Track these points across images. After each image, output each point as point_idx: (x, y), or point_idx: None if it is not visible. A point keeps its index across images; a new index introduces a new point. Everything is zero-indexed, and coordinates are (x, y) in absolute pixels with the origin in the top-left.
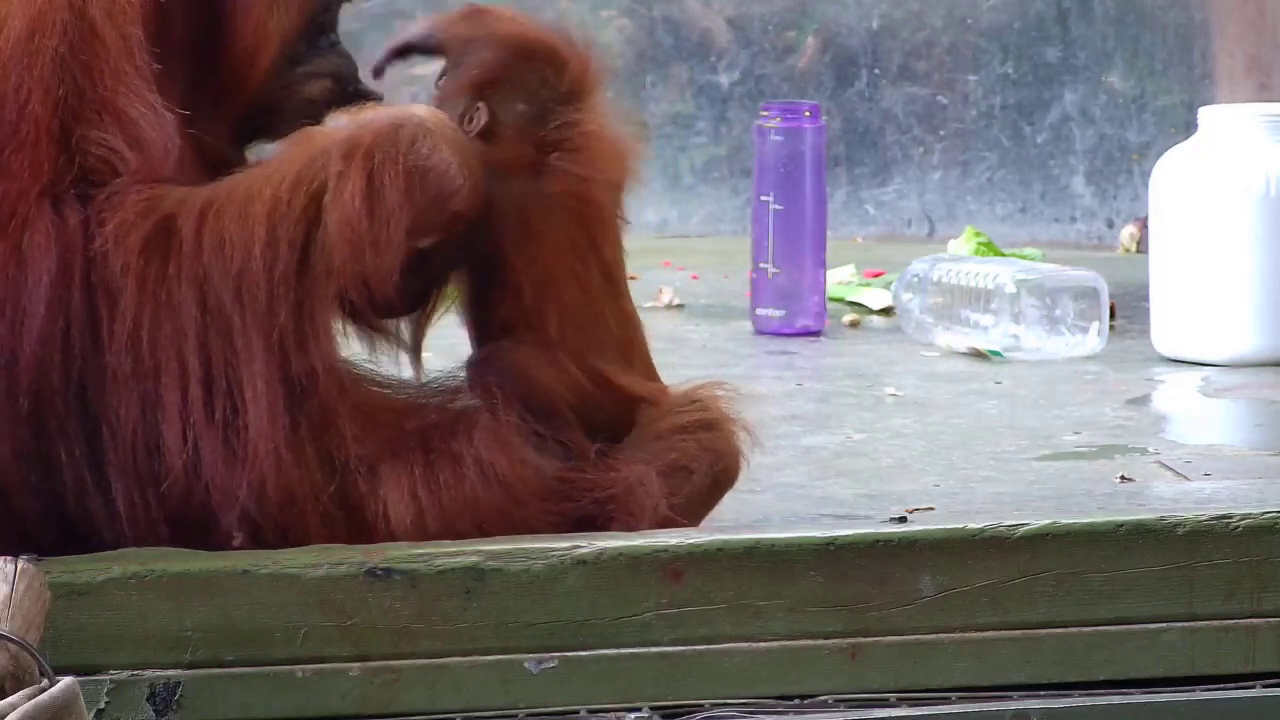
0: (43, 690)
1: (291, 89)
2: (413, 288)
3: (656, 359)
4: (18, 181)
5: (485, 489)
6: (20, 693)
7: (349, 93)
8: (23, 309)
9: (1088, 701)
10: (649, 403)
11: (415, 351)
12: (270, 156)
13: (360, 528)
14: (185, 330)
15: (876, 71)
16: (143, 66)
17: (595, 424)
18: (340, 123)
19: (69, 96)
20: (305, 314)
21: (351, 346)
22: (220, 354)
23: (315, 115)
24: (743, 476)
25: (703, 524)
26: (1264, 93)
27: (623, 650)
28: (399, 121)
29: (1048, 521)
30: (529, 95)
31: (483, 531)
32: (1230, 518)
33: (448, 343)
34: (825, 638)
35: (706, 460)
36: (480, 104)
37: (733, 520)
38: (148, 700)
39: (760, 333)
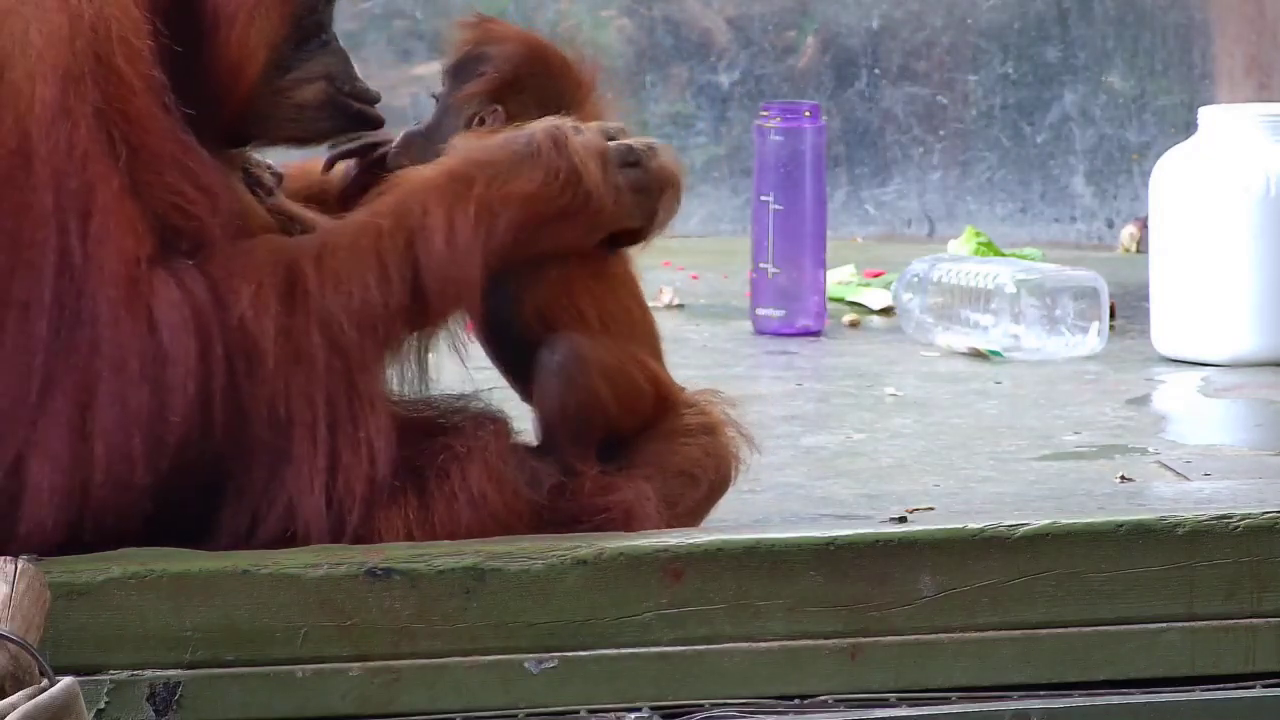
0: (43, 690)
1: (282, 95)
2: None
3: None
4: (119, 247)
5: (480, 526)
6: (20, 693)
7: (344, 92)
8: (165, 384)
9: (1088, 701)
10: (677, 404)
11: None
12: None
13: None
14: (317, 375)
15: (876, 71)
16: (170, 107)
17: (629, 425)
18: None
19: (122, 149)
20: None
21: None
22: (344, 394)
23: (308, 120)
24: (741, 477)
25: (702, 524)
26: (1264, 93)
27: (623, 650)
28: (489, 157)
29: (1048, 521)
30: (543, 100)
31: None
32: (1230, 518)
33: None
34: (825, 638)
35: (711, 466)
36: (497, 106)
37: (733, 520)
38: (148, 700)
39: (760, 333)
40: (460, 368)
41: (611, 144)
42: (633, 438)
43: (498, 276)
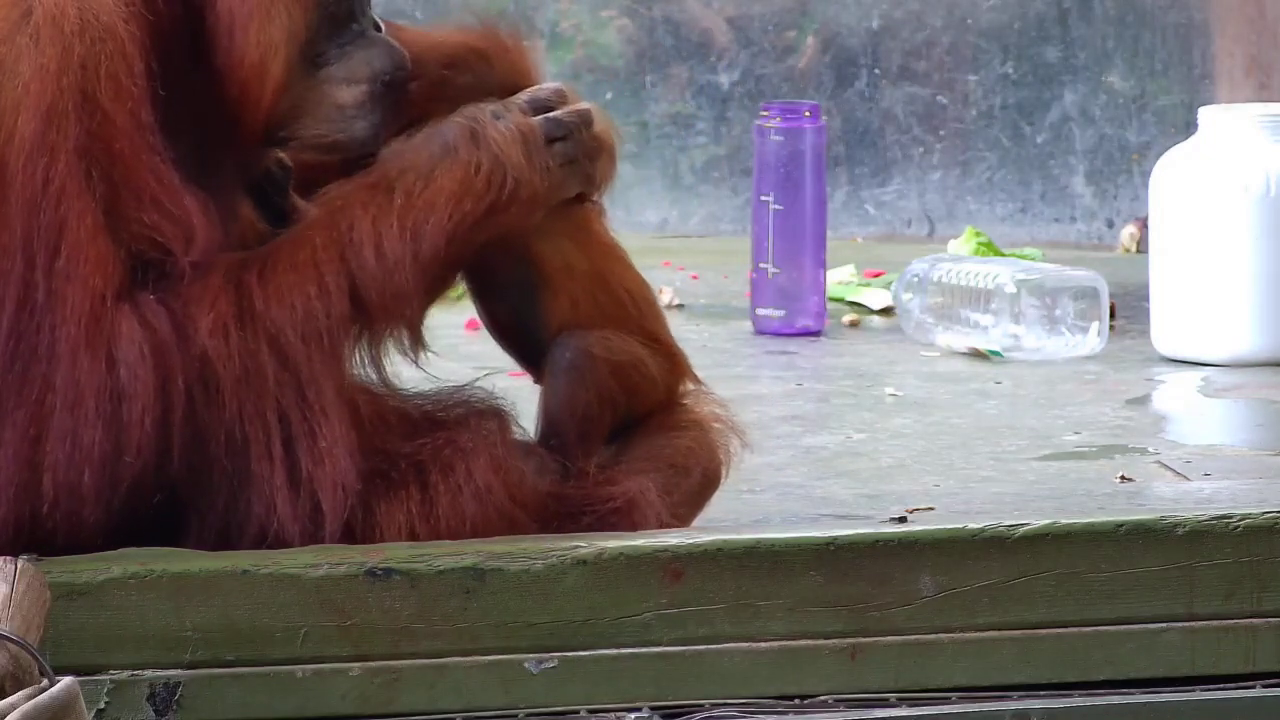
0: (43, 690)
1: (319, 91)
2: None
3: None
4: (85, 284)
5: (485, 519)
6: (20, 693)
7: (387, 84)
8: (121, 421)
9: (1088, 701)
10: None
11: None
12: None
13: None
14: (268, 391)
15: (876, 71)
16: (156, 146)
17: (640, 414)
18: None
19: (101, 186)
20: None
21: None
22: (296, 407)
23: (347, 121)
24: (740, 476)
25: (703, 524)
26: (1264, 93)
27: (623, 650)
28: (406, 163)
29: (1048, 521)
30: (481, 92)
31: None
32: (1230, 518)
33: (447, 343)
34: (825, 638)
35: (701, 457)
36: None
37: (733, 520)
38: (148, 700)
39: (760, 333)
40: (431, 370)
41: (537, 121)
42: (623, 434)
43: (520, 278)
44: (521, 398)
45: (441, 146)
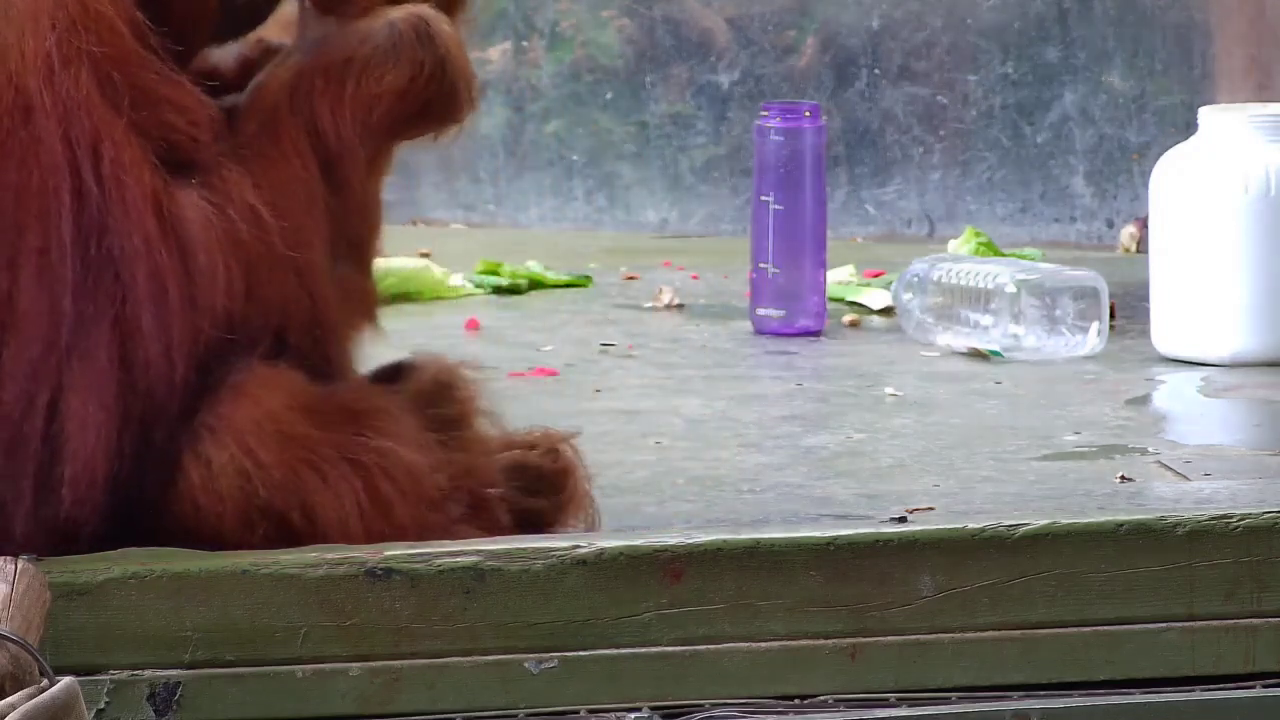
0: (43, 690)
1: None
2: None
3: (656, 359)
4: (139, 181)
5: (415, 504)
6: (20, 693)
7: (253, 60)
8: (200, 305)
9: (1088, 701)
10: None
11: None
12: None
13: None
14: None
15: (876, 71)
16: (154, 45)
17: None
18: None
19: (119, 90)
20: None
21: None
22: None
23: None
24: (741, 476)
25: (703, 524)
26: (1264, 93)
27: (623, 650)
28: (353, 53)
29: (1048, 521)
30: None
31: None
32: (1230, 518)
33: (448, 343)
34: (825, 638)
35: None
36: None
37: (733, 520)
38: (148, 700)
39: (760, 333)
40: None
41: None
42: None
43: None
44: (520, 397)
45: (389, 39)
